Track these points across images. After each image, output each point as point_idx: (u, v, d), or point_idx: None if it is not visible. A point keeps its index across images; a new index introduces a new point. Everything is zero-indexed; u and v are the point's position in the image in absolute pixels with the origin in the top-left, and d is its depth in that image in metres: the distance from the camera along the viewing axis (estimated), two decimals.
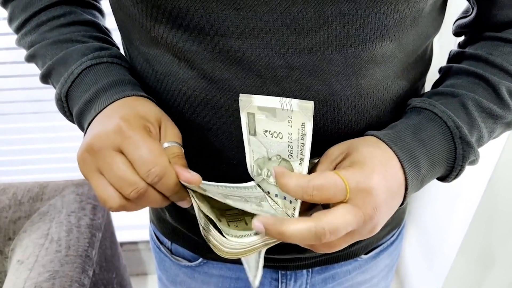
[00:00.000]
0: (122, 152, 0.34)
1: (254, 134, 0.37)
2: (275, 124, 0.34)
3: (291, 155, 0.35)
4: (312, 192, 0.33)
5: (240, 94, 0.35)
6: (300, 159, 0.35)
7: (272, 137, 0.35)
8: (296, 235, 0.33)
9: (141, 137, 0.34)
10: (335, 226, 0.33)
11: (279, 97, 0.33)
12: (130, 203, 0.35)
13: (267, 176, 0.39)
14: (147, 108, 0.38)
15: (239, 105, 0.35)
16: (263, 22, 0.35)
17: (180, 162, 0.36)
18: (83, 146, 0.35)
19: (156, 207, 0.38)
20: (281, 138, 0.35)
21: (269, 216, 0.35)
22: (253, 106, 0.34)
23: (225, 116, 0.39)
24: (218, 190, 0.38)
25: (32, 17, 0.46)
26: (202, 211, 0.35)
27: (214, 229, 0.34)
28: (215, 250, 0.35)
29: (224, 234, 0.35)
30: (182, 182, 0.36)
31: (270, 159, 0.38)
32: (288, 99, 0.33)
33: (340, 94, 0.39)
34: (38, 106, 1.30)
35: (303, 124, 0.33)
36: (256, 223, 0.34)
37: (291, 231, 0.33)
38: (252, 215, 0.38)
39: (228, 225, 0.36)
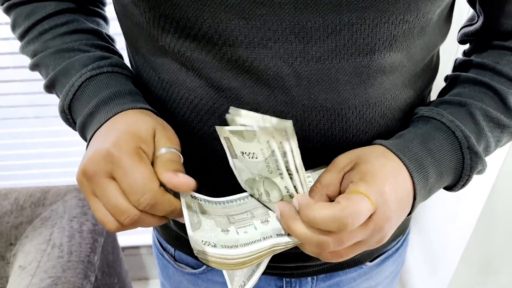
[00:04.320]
0: (115, 178, 0.34)
1: (236, 157, 0.37)
2: (247, 145, 0.34)
3: (271, 171, 0.35)
4: (349, 221, 0.31)
5: (231, 107, 0.34)
6: (280, 174, 0.35)
7: (249, 158, 0.35)
8: (300, 236, 0.34)
9: (131, 164, 0.33)
10: (340, 237, 0.33)
11: (261, 115, 0.33)
12: (127, 226, 0.35)
13: (259, 195, 0.39)
14: (141, 123, 0.37)
15: (227, 120, 0.35)
16: (271, 32, 0.35)
17: (172, 166, 0.35)
18: (79, 170, 0.35)
19: (155, 225, 0.37)
20: (257, 158, 0.35)
21: (288, 204, 0.35)
22: (225, 130, 0.34)
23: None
24: (223, 210, 0.38)
25: (35, 25, 0.46)
26: (196, 235, 0.35)
27: (212, 247, 0.34)
28: (219, 267, 0.35)
29: (231, 246, 0.35)
30: (172, 189, 0.35)
31: (254, 179, 0.38)
32: (269, 117, 0.32)
33: (348, 103, 0.39)
34: (40, 111, 1.30)
35: (281, 142, 0.32)
36: (276, 207, 0.35)
37: (296, 231, 0.34)
38: (261, 219, 0.38)
39: (237, 232, 0.36)
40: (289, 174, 0.34)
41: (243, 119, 0.33)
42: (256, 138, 0.33)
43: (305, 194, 0.35)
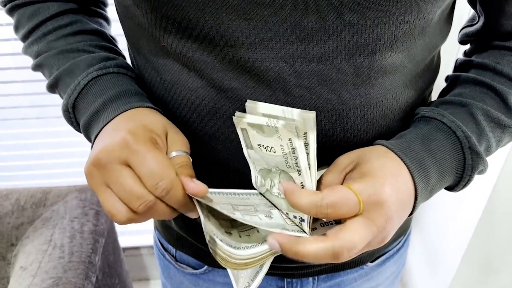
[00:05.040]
0: (129, 166, 0.34)
1: (251, 148, 0.37)
2: (266, 139, 0.34)
3: (289, 166, 0.35)
4: (327, 210, 0.33)
5: (248, 100, 0.35)
6: (297, 170, 0.35)
7: (266, 151, 0.35)
8: (313, 256, 0.33)
9: (147, 150, 0.34)
10: (352, 244, 0.32)
11: (281, 106, 0.33)
12: (138, 216, 0.35)
13: (270, 187, 0.39)
14: (153, 119, 0.38)
15: (246, 111, 0.35)
16: (272, 32, 0.35)
17: (187, 172, 0.36)
18: (90, 160, 0.35)
19: (165, 219, 0.37)
20: (275, 152, 0.35)
21: (284, 234, 0.35)
22: (243, 122, 0.34)
23: (233, 125, 0.39)
24: (227, 200, 0.38)
25: (39, 26, 0.46)
26: (208, 225, 0.35)
27: (221, 241, 0.34)
28: (222, 263, 0.35)
29: (234, 246, 0.35)
30: (188, 193, 0.35)
31: (270, 170, 0.38)
32: (290, 108, 0.32)
33: (349, 104, 0.39)
34: (41, 112, 1.30)
35: (305, 134, 0.33)
36: (271, 240, 0.34)
37: (307, 251, 0.33)
38: (265, 214, 0.38)
39: (240, 236, 0.36)
40: (298, 171, 0.34)
41: (262, 111, 0.33)
42: (277, 134, 0.33)
43: (284, 234, 0.35)
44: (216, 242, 0.33)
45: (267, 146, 0.35)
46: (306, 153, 0.33)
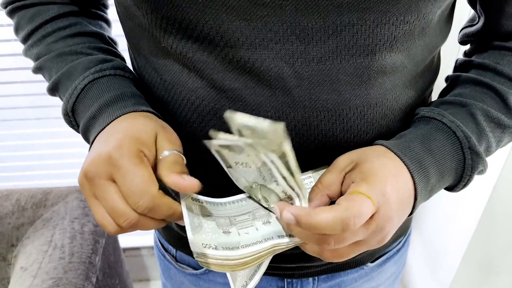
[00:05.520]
0: (115, 181, 0.34)
1: (231, 167, 0.37)
2: (239, 157, 0.34)
3: (265, 179, 0.35)
4: (354, 221, 0.31)
5: (227, 111, 0.34)
6: (275, 181, 0.34)
7: (243, 167, 0.35)
8: (301, 234, 0.34)
9: (130, 167, 0.33)
10: (342, 235, 0.33)
11: (255, 118, 0.32)
12: (126, 228, 0.35)
13: (258, 200, 0.39)
14: (142, 126, 0.37)
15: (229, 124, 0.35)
16: (272, 33, 0.35)
17: (175, 169, 0.35)
18: (81, 172, 0.35)
19: (155, 229, 0.37)
20: (250, 167, 0.35)
21: (288, 204, 0.36)
22: (214, 144, 0.34)
23: None
24: (225, 211, 0.38)
25: (38, 28, 0.47)
26: (197, 237, 0.35)
27: (215, 250, 0.34)
28: (219, 269, 0.35)
29: (232, 247, 0.35)
30: (177, 190, 0.35)
31: (251, 187, 0.38)
32: (262, 119, 0.31)
33: (349, 104, 0.39)
34: (41, 112, 1.30)
35: (279, 144, 0.32)
36: (275, 207, 0.36)
37: (296, 229, 0.34)
38: (263, 221, 0.38)
39: (239, 233, 0.36)
40: (284, 178, 0.34)
41: (238, 122, 0.33)
42: (245, 152, 0.33)
43: (298, 206, 0.35)
44: (207, 254, 0.33)
45: (242, 163, 0.35)
46: (285, 161, 0.33)
